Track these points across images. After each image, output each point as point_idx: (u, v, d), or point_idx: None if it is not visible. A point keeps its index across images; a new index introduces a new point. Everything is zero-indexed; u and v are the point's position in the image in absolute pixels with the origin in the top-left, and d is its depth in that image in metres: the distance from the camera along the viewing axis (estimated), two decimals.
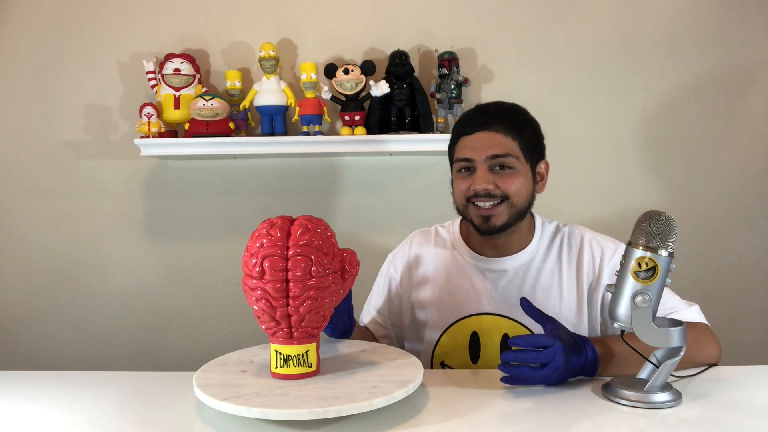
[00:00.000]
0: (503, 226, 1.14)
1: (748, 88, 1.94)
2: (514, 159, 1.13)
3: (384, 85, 1.81)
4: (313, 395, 0.82)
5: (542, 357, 0.91)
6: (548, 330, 0.96)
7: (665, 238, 0.87)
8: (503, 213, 1.13)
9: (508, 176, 1.13)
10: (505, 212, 1.13)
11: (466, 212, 1.17)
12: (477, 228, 1.16)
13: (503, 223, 1.14)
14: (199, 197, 2.01)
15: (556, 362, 0.91)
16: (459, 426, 0.82)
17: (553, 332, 0.94)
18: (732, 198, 1.96)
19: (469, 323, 1.20)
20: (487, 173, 1.12)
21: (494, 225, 1.13)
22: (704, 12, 1.93)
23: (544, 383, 0.94)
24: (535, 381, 0.92)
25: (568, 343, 0.93)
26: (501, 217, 1.13)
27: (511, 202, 1.13)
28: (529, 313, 0.98)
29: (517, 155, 1.13)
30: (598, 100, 1.95)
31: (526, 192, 1.15)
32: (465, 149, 1.15)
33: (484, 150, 1.12)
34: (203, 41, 1.97)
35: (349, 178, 2.00)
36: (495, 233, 1.15)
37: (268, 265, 0.86)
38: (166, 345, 2.04)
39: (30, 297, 2.04)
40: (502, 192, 1.12)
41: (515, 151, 1.13)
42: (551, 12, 1.94)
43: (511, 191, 1.12)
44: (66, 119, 1.99)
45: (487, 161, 1.12)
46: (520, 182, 1.13)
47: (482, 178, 1.12)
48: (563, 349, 0.92)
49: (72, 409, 0.92)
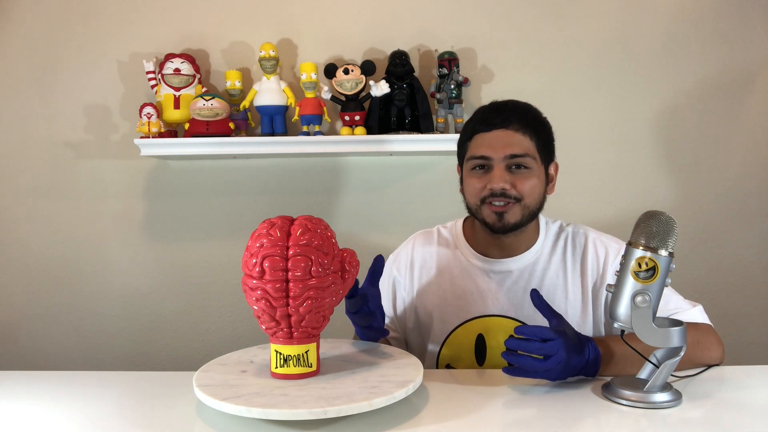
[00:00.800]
0: (516, 225, 1.13)
1: (749, 88, 1.94)
2: (531, 159, 1.11)
3: (384, 85, 1.81)
4: (313, 395, 0.82)
5: (545, 349, 0.91)
6: (553, 324, 0.96)
7: (665, 238, 0.87)
8: (517, 213, 1.12)
9: (524, 177, 1.11)
10: (519, 212, 1.12)
11: (479, 212, 1.15)
12: (490, 227, 1.14)
13: (516, 222, 1.12)
14: (199, 197, 2.01)
15: (559, 356, 0.91)
16: (459, 426, 0.82)
17: (558, 327, 0.95)
18: (732, 198, 1.96)
19: (475, 325, 1.19)
20: (505, 172, 1.11)
21: (508, 222, 1.12)
22: (705, 12, 1.93)
23: (546, 377, 0.93)
24: (537, 372, 0.92)
25: (572, 340, 0.93)
26: (514, 216, 1.12)
27: (524, 203, 1.12)
28: (539, 306, 0.98)
29: (534, 156, 1.12)
30: (598, 101, 1.95)
31: (539, 193, 1.14)
32: (481, 147, 1.13)
33: (502, 148, 1.10)
34: (203, 41, 1.97)
35: (349, 178, 2.00)
36: (507, 232, 1.14)
37: (268, 265, 0.86)
38: (166, 345, 2.04)
39: (30, 297, 2.04)
40: (518, 193, 1.11)
41: (532, 151, 1.12)
42: (551, 12, 1.94)
43: (526, 192, 1.11)
44: (66, 119, 1.99)
45: (505, 160, 1.11)
46: (534, 183, 1.12)
47: (500, 177, 1.10)
48: (566, 344, 0.92)
49: (72, 409, 0.92)
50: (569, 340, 0.93)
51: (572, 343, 0.93)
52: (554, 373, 0.92)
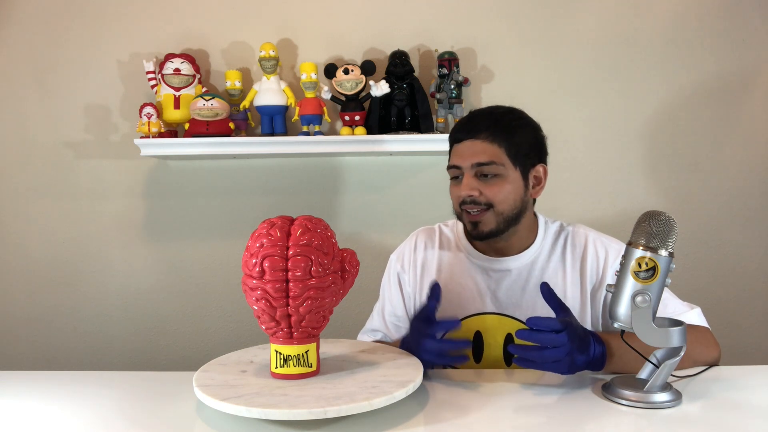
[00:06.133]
0: (491, 233, 1.15)
1: (749, 88, 1.94)
2: (499, 166, 1.13)
3: (384, 85, 1.81)
4: (313, 395, 0.82)
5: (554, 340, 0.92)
6: (561, 317, 0.97)
7: (665, 238, 0.87)
8: (490, 220, 1.14)
9: (493, 184, 1.13)
10: (492, 219, 1.14)
11: (461, 218, 1.20)
12: (469, 233, 1.19)
13: (491, 230, 1.15)
14: (199, 197, 2.01)
15: (567, 347, 0.92)
16: (459, 426, 0.82)
17: (565, 319, 0.95)
18: (732, 198, 1.96)
19: (473, 323, 1.20)
20: (473, 180, 1.14)
21: (482, 231, 1.15)
22: (704, 12, 1.92)
23: (555, 370, 0.93)
24: (546, 363, 0.93)
25: (578, 332, 0.95)
26: (488, 224, 1.14)
27: (496, 209, 1.13)
28: (547, 298, 0.99)
29: (503, 162, 1.13)
30: (598, 101, 1.95)
31: (515, 198, 1.15)
32: (454, 156, 1.18)
33: (469, 157, 1.14)
34: (203, 41, 1.97)
35: (349, 178, 2.00)
36: (484, 239, 1.16)
37: (268, 265, 0.86)
38: (166, 345, 2.04)
39: (30, 297, 2.04)
40: (487, 199, 1.13)
41: (501, 158, 1.13)
42: (551, 12, 1.94)
43: (496, 199, 1.13)
44: (66, 119, 1.99)
45: (473, 168, 1.14)
46: (507, 189, 1.14)
47: (467, 185, 1.14)
48: (573, 335, 0.93)
49: (72, 409, 0.92)
50: (575, 332, 0.94)
51: (578, 336, 0.94)
52: (563, 366, 0.93)
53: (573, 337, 0.93)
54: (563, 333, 0.92)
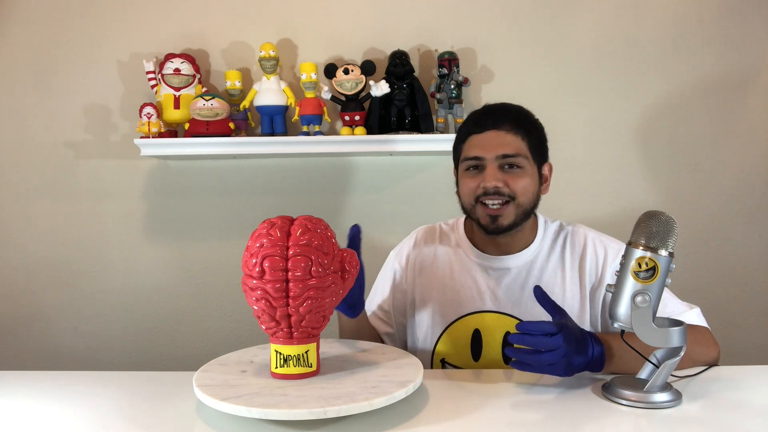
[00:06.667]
0: (510, 226, 1.15)
1: (749, 88, 1.94)
2: (523, 159, 1.14)
3: (384, 85, 1.81)
4: (313, 395, 0.82)
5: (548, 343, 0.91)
6: (556, 319, 0.97)
7: (665, 238, 0.87)
8: (510, 213, 1.14)
9: (517, 176, 1.14)
10: (512, 212, 1.14)
11: (473, 212, 1.17)
12: (484, 228, 1.16)
13: (510, 223, 1.14)
14: (199, 197, 2.01)
15: (562, 350, 0.91)
16: (459, 426, 0.82)
17: (560, 321, 0.95)
18: (732, 198, 1.96)
19: (472, 321, 1.20)
20: (497, 171, 1.13)
21: (501, 225, 1.14)
22: (704, 12, 1.92)
23: (552, 372, 0.93)
24: (542, 367, 0.92)
25: (575, 334, 0.94)
26: (508, 217, 1.14)
27: (518, 202, 1.14)
28: (541, 301, 0.99)
29: (526, 155, 1.14)
30: (598, 100, 1.95)
31: (533, 192, 1.16)
32: (474, 148, 1.15)
33: (494, 148, 1.13)
34: (203, 41, 1.97)
35: (349, 178, 2.00)
36: (502, 233, 1.16)
37: (268, 265, 0.86)
38: (166, 345, 2.04)
39: (30, 297, 2.04)
40: (511, 191, 1.13)
41: (524, 151, 1.14)
42: (551, 12, 1.94)
43: (519, 191, 1.13)
44: (66, 119, 1.99)
45: (498, 160, 1.13)
46: (527, 182, 1.14)
47: (492, 175, 1.12)
48: (568, 338, 0.92)
49: (72, 409, 0.92)
50: (572, 333, 0.93)
51: (575, 337, 0.94)
52: (560, 368, 0.92)
53: (569, 339, 0.92)
54: (558, 336, 0.91)
